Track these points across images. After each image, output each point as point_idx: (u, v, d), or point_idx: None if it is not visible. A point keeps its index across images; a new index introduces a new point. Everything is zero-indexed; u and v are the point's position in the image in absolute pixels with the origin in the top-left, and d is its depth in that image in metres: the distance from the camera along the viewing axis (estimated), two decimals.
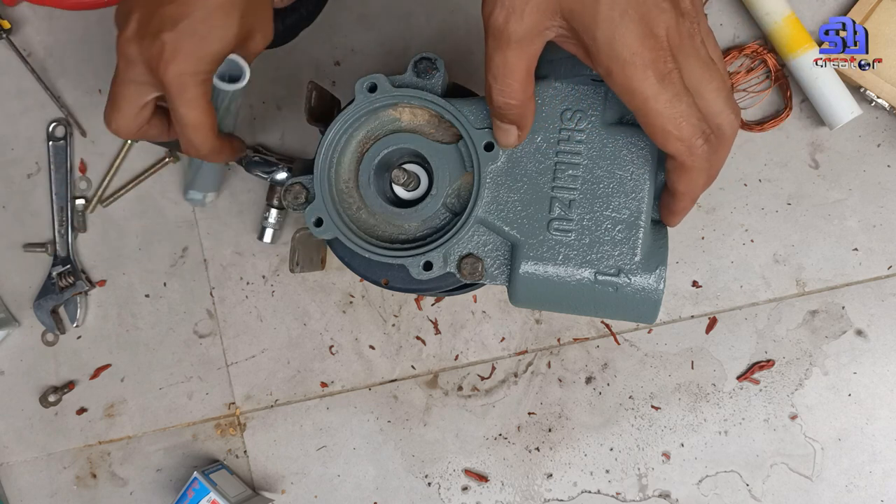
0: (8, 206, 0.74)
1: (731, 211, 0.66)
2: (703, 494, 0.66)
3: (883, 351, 0.65)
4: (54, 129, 0.72)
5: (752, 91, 0.66)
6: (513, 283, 0.44)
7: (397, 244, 0.47)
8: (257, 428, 0.71)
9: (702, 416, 0.66)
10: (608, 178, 0.43)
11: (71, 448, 0.73)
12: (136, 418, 0.72)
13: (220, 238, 0.71)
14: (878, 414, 0.65)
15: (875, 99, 0.62)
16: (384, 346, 0.70)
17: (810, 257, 0.66)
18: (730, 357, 0.66)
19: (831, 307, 0.65)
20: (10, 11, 0.73)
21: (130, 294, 0.72)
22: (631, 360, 0.67)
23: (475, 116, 0.45)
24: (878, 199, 0.65)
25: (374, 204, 0.47)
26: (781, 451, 0.66)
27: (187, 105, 0.44)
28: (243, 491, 0.68)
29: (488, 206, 0.44)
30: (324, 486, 0.70)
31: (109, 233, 0.73)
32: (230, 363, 0.71)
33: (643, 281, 0.42)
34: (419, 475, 0.69)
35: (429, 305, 0.69)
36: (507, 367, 0.69)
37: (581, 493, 0.67)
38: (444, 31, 0.69)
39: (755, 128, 0.65)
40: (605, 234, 0.43)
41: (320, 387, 0.70)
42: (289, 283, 0.71)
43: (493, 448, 0.68)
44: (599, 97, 0.43)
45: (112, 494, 0.72)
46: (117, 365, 0.72)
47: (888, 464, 0.65)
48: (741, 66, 0.66)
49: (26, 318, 0.73)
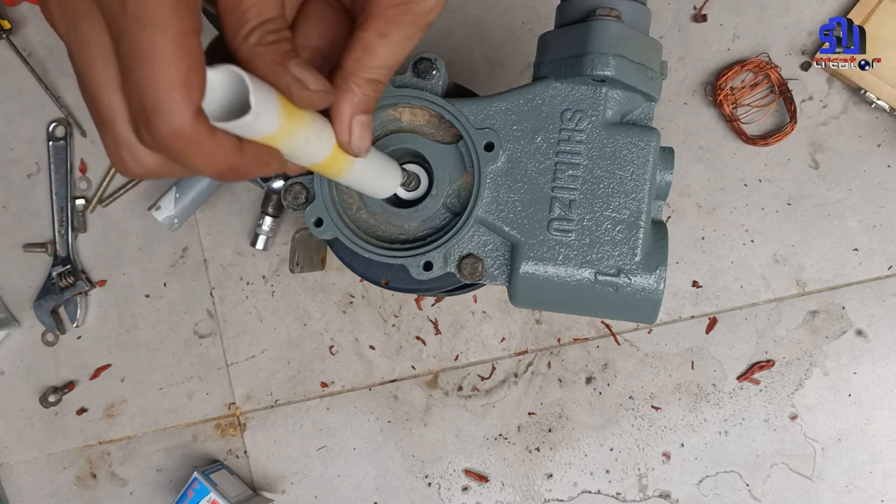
0: (8, 206, 0.74)
1: (731, 211, 0.66)
2: (703, 494, 0.66)
3: (883, 351, 0.65)
4: (54, 129, 0.72)
5: (757, 106, 0.66)
6: (513, 284, 0.44)
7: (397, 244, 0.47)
8: (257, 428, 0.71)
9: (702, 416, 0.66)
10: (608, 178, 0.43)
11: (71, 448, 0.73)
12: (136, 418, 0.72)
13: (220, 238, 0.71)
14: (878, 414, 0.65)
15: (875, 100, 0.62)
16: (384, 346, 0.70)
17: (810, 257, 0.66)
18: (730, 357, 0.66)
19: (831, 307, 0.65)
20: (10, 11, 0.73)
21: (130, 294, 0.72)
22: (631, 361, 0.67)
23: (475, 116, 0.45)
24: (878, 199, 0.65)
25: (374, 204, 0.47)
26: (781, 451, 0.65)
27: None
28: (243, 491, 0.68)
29: (488, 207, 0.44)
30: (324, 487, 0.70)
31: (109, 233, 0.73)
32: (230, 363, 0.71)
33: (643, 281, 0.42)
34: (419, 475, 0.69)
35: (429, 305, 0.69)
36: (508, 368, 0.69)
37: (581, 493, 0.67)
38: (444, 31, 0.69)
39: (759, 142, 0.65)
40: (606, 234, 0.43)
41: (320, 387, 0.70)
42: (289, 284, 0.71)
43: (493, 448, 0.68)
44: (599, 97, 0.43)
45: (112, 494, 0.72)
46: (117, 365, 0.72)
47: (888, 464, 0.65)
48: (745, 81, 0.66)
49: (26, 318, 0.73)
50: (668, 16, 0.67)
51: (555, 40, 0.44)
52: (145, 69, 0.24)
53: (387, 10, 0.30)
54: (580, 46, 0.41)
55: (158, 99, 0.24)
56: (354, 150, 0.33)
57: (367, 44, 0.31)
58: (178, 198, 0.68)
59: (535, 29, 0.68)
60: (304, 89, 0.28)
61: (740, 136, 0.65)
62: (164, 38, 0.24)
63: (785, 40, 0.66)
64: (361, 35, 0.31)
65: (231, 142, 0.27)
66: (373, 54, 0.31)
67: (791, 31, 0.66)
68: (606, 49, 0.41)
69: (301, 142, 0.29)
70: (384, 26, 0.31)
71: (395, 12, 0.30)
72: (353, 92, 0.31)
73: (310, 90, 0.28)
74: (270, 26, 0.28)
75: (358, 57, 0.31)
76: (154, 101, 0.24)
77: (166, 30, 0.24)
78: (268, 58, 0.28)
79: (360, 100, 0.32)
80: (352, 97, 0.31)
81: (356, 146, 0.32)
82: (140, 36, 0.24)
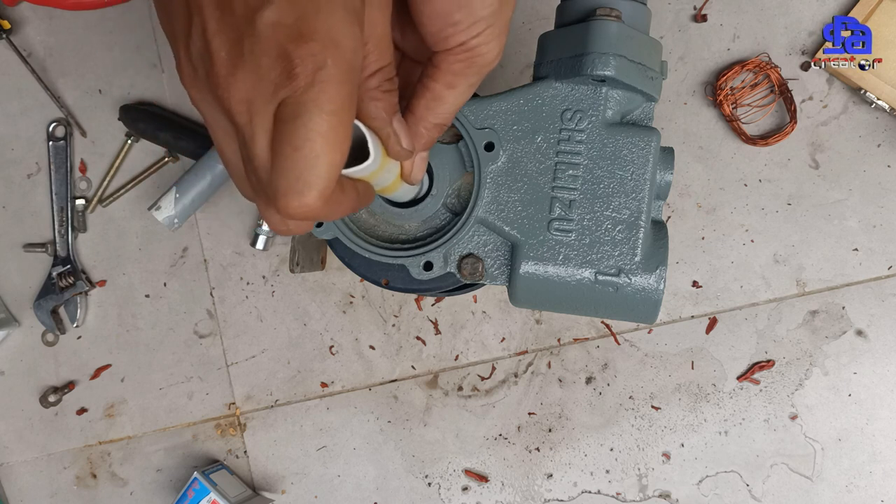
0: (8, 206, 0.74)
1: (731, 211, 0.66)
2: (703, 495, 0.66)
3: (883, 351, 0.65)
4: (54, 129, 0.72)
5: (757, 106, 0.66)
6: (513, 284, 0.44)
7: (397, 244, 0.47)
8: (257, 428, 0.71)
9: (702, 416, 0.66)
10: (608, 178, 0.43)
11: (71, 448, 0.73)
12: (137, 418, 0.72)
13: (220, 238, 0.71)
14: (878, 414, 0.65)
15: (875, 100, 0.62)
16: (384, 346, 0.70)
17: (810, 257, 0.66)
18: (730, 357, 0.66)
19: (831, 307, 0.65)
20: (10, 11, 0.73)
21: (130, 294, 0.72)
22: (631, 361, 0.67)
23: (475, 116, 0.45)
24: (878, 199, 0.65)
25: (374, 204, 0.47)
26: (781, 451, 0.65)
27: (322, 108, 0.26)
28: (243, 491, 0.68)
29: (488, 206, 0.44)
30: (324, 487, 0.70)
31: (109, 233, 0.73)
32: (230, 363, 0.71)
33: (643, 281, 0.42)
34: (419, 475, 0.69)
35: (429, 305, 0.69)
36: (508, 368, 0.69)
37: (581, 493, 0.67)
38: None
39: (759, 142, 0.65)
40: (606, 234, 0.43)
41: (320, 387, 0.70)
42: (289, 284, 0.71)
43: (493, 448, 0.68)
44: (600, 97, 0.43)
45: (112, 495, 0.72)
46: (117, 365, 0.72)
47: (888, 464, 0.65)
48: (745, 81, 0.66)
49: (26, 318, 0.73)
50: (668, 16, 0.67)
51: (555, 40, 0.44)
52: (311, 150, 0.26)
53: (454, 65, 0.34)
54: (580, 46, 0.41)
55: (319, 175, 0.26)
56: (413, 181, 0.38)
57: (436, 94, 0.34)
58: (178, 198, 0.68)
59: (535, 29, 0.68)
60: (398, 144, 0.33)
61: (740, 136, 0.66)
62: (338, 124, 0.26)
63: (785, 40, 0.66)
64: (431, 86, 0.34)
65: (352, 188, 0.31)
66: (441, 102, 0.35)
67: (791, 31, 0.66)
68: (606, 49, 0.41)
69: (385, 173, 0.34)
70: (452, 79, 0.34)
71: (461, 66, 0.34)
72: (421, 135, 0.35)
73: (402, 147, 0.33)
74: (387, 73, 0.31)
75: (428, 105, 0.35)
76: (311, 178, 0.26)
77: (340, 117, 0.26)
78: (381, 105, 0.31)
79: (426, 140, 0.36)
80: (419, 139, 0.35)
81: (415, 178, 0.37)
82: (318, 120, 0.25)
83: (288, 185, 0.26)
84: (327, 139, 0.25)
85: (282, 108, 0.25)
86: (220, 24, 0.26)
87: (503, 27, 0.33)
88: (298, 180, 0.26)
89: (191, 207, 0.69)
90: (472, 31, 0.32)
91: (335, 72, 0.25)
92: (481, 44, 0.33)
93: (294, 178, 0.26)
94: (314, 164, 0.26)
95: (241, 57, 0.25)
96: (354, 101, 0.27)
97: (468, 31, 0.32)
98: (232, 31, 0.25)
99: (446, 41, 0.33)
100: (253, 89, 0.26)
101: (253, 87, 0.26)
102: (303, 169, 0.26)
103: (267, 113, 0.26)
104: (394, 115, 0.32)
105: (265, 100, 0.26)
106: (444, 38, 0.33)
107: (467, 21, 0.32)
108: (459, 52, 0.33)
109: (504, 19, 0.33)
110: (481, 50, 0.33)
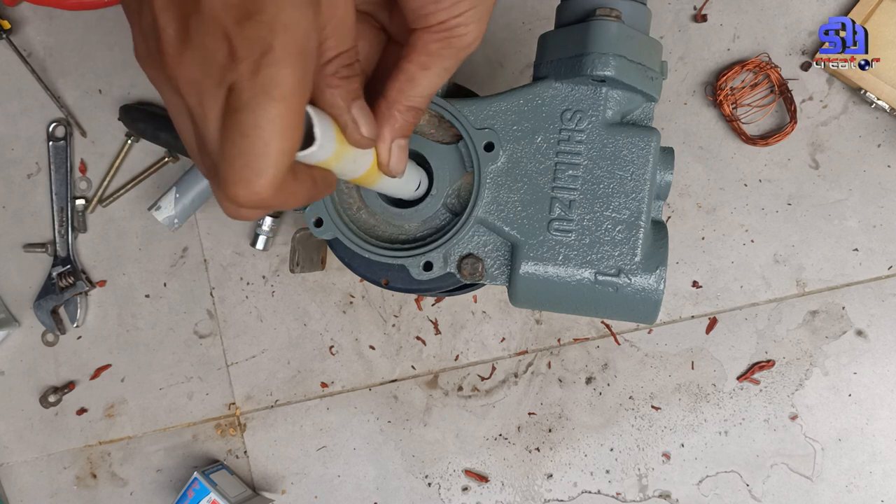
0: (8, 206, 0.74)
1: (731, 211, 0.66)
2: (703, 495, 0.66)
3: (883, 351, 0.65)
4: (54, 129, 0.72)
5: (757, 106, 0.66)
6: (513, 284, 0.44)
7: (397, 244, 0.47)
8: (257, 428, 0.71)
9: (702, 416, 0.66)
10: (608, 178, 0.43)
11: (71, 448, 0.73)
12: (137, 418, 0.72)
13: (220, 238, 0.71)
14: (878, 414, 0.65)
15: (875, 100, 0.62)
16: (384, 346, 0.70)
17: (810, 257, 0.66)
18: (730, 357, 0.66)
19: (831, 307, 0.65)
20: (10, 11, 0.73)
21: (130, 294, 0.72)
22: (631, 361, 0.67)
23: (475, 116, 0.45)
24: (878, 199, 0.65)
25: (374, 204, 0.47)
26: (781, 451, 0.65)
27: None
28: (243, 491, 0.68)
29: (488, 207, 0.44)
30: (324, 487, 0.70)
31: (109, 233, 0.73)
32: (230, 363, 0.71)
33: (643, 281, 0.42)
34: (419, 475, 0.69)
35: (429, 306, 0.69)
36: (508, 368, 0.69)
37: (581, 493, 0.67)
38: None
39: (759, 142, 0.65)
40: (606, 234, 0.43)
41: (320, 387, 0.70)
42: (289, 284, 0.71)
43: (493, 448, 0.68)
44: (599, 97, 0.43)
45: (112, 495, 0.72)
46: (117, 365, 0.72)
47: (888, 464, 0.65)
48: (745, 81, 0.66)
49: (26, 318, 0.73)
50: (668, 16, 0.67)
51: (555, 40, 0.44)
52: (259, 137, 0.24)
53: (430, 45, 0.33)
54: (580, 46, 0.41)
55: (268, 164, 0.25)
56: (392, 172, 0.35)
57: (409, 75, 0.33)
58: (178, 198, 0.68)
59: (535, 29, 0.68)
60: (357, 131, 0.31)
61: (740, 136, 0.65)
62: (287, 111, 0.25)
63: (785, 40, 0.66)
64: (405, 66, 0.33)
65: (307, 176, 0.29)
66: (414, 84, 0.33)
67: (791, 31, 0.66)
68: (606, 49, 0.41)
69: (349, 162, 0.32)
70: (427, 60, 0.33)
71: (438, 47, 0.33)
72: (394, 118, 0.34)
73: (361, 134, 0.31)
74: (346, 59, 0.30)
75: (401, 87, 0.34)
76: (260, 166, 0.25)
77: (290, 104, 0.25)
78: (339, 92, 0.30)
79: (401, 125, 0.34)
80: (393, 123, 0.34)
81: (394, 167, 0.35)
82: (266, 107, 0.24)
83: (236, 174, 0.25)
84: (276, 126, 0.24)
85: (230, 92, 0.24)
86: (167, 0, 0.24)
87: (485, 12, 0.33)
88: (246, 168, 0.25)
89: (191, 207, 0.69)
90: (454, 10, 0.32)
91: (283, 55, 0.24)
92: (461, 24, 0.32)
93: (242, 166, 0.25)
94: (263, 153, 0.24)
95: (188, 36, 0.24)
96: (307, 87, 0.26)
97: (450, 10, 0.32)
98: (178, 7, 0.24)
99: (426, 18, 0.32)
100: (200, 71, 0.25)
101: (200, 69, 0.24)
102: (251, 157, 0.24)
103: (217, 96, 0.25)
104: (353, 101, 0.30)
105: (214, 82, 0.24)
106: (424, 14, 0.32)
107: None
108: (438, 30, 0.32)
109: (488, 4, 0.33)
110: (460, 31, 0.32)
